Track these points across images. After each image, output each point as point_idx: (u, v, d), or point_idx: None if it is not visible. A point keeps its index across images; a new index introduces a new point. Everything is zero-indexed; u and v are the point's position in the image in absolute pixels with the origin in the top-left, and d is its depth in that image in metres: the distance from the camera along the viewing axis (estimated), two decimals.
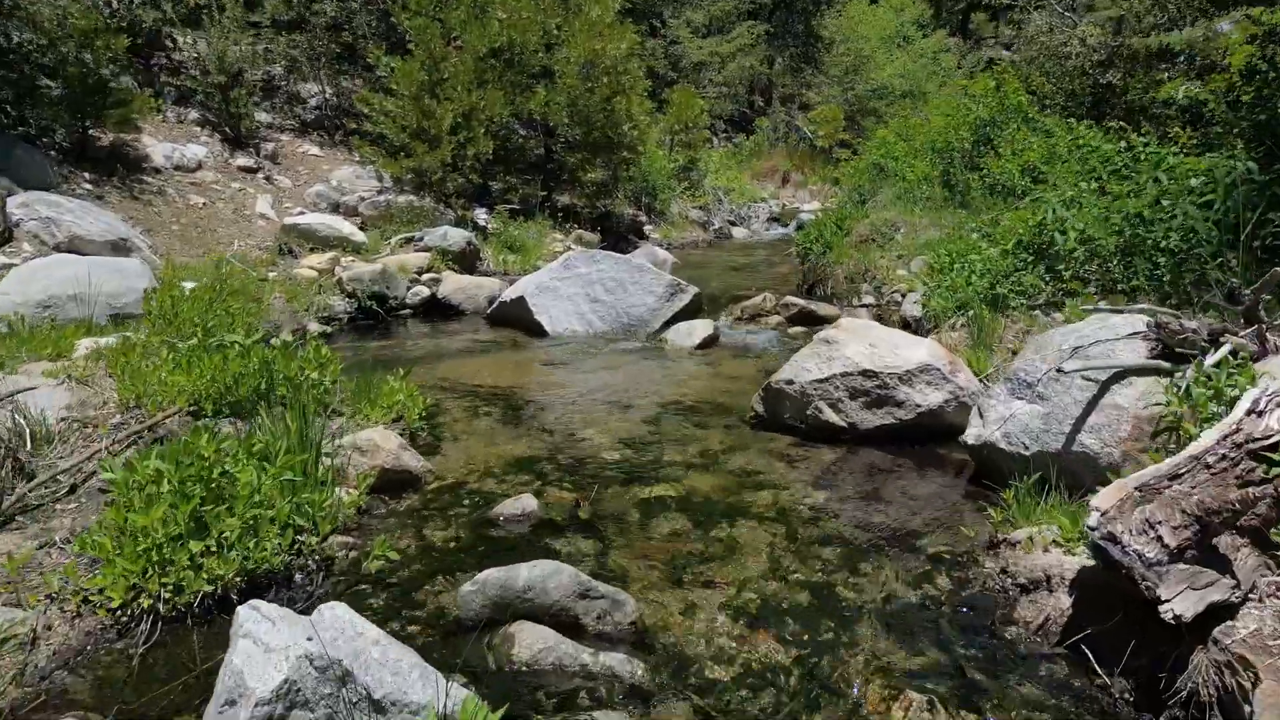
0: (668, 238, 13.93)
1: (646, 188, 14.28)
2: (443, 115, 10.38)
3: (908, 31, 31.94)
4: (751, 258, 12.64)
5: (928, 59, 31.08)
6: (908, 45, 31.35)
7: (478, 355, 6.68)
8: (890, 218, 10.47)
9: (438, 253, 9.47)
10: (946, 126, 12.08)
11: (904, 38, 31.59)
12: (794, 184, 21.63)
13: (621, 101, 11.76)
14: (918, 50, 31.08)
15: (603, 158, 12.27)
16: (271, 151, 11.65)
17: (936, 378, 4.35)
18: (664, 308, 7.38)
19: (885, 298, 8.10)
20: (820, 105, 26.91)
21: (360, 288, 8.13)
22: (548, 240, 11.22)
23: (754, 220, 16.99)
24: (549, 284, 7.60)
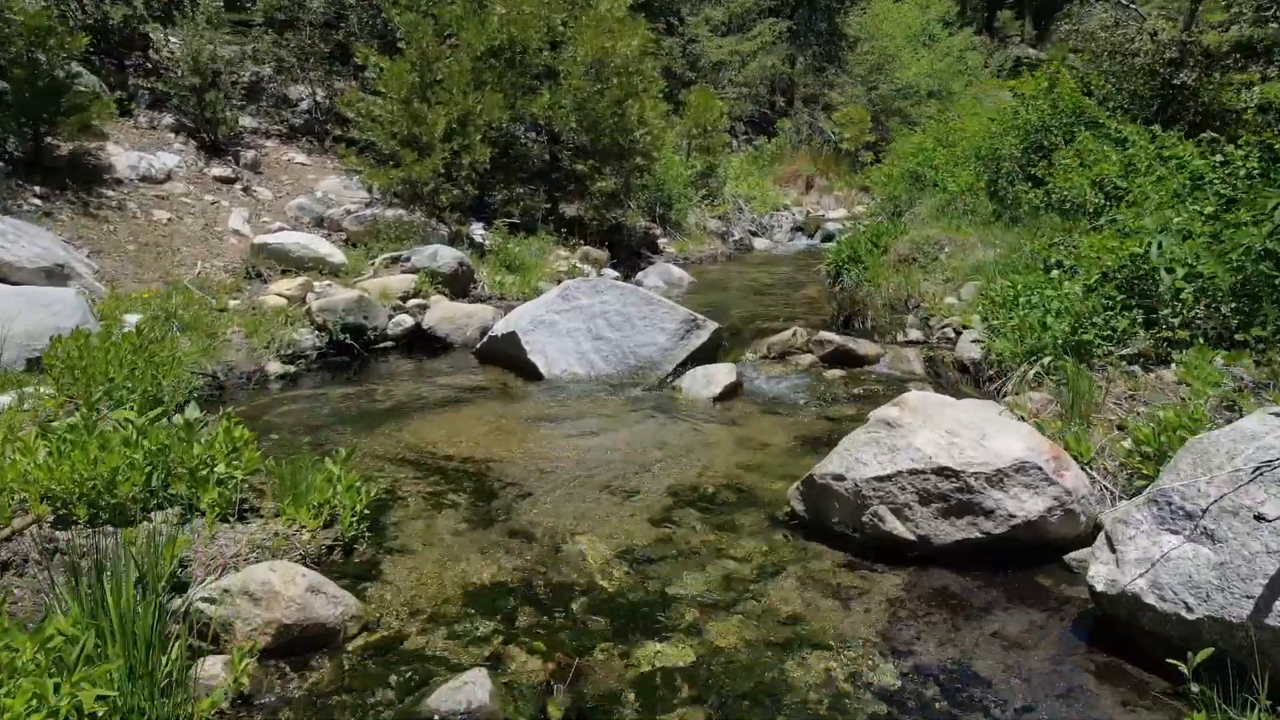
0: (684, 252, 12.87)
1: (661, 197, 13.23)
2: (435, 120, 9.37)
3: (933, 29, 30.82)
4: (775, 275, 11.55)
5: (954, 58, 29.93)
6: (933, 43, 30.22)
7: (457, 407, 5.65)
8: (933, 235, 9.36)
9: (426, 275, 8.46)
10: (992, 131, 10.96)
11: (929, 36, 30.48)
12: (818, 189, 20.50)
13: (634, 104, 10.72)
14: (943, 49, 29.94)
15: (613, 165, 11.22)
16: (252, 160, 10.69)
17: (1036, 479, 3.27)
18: (677, 347, 6.33)
19: (935, 333, 7.00)
20: (844, 106, 25.82)
21: (332, 319, 7.13)
22: (551, 258, 10.19)
23: (776, 230, 15.89)
24: (545, 318, 6.56)
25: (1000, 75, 34.60)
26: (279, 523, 3.46)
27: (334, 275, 8.26)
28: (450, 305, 7.92)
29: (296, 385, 6.41)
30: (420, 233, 9.44)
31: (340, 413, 5.51)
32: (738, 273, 11.69)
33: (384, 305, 7.88)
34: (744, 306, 8.80)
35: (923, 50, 29.08)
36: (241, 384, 6.21)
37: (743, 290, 10.08)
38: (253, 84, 12.58)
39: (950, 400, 3.63)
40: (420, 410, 5.56)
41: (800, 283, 10.50)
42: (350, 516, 3.51)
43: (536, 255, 10.09)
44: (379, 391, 6.07)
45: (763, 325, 7.57)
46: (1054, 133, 9.84)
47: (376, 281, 8.25)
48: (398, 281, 8.31)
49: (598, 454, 4.68)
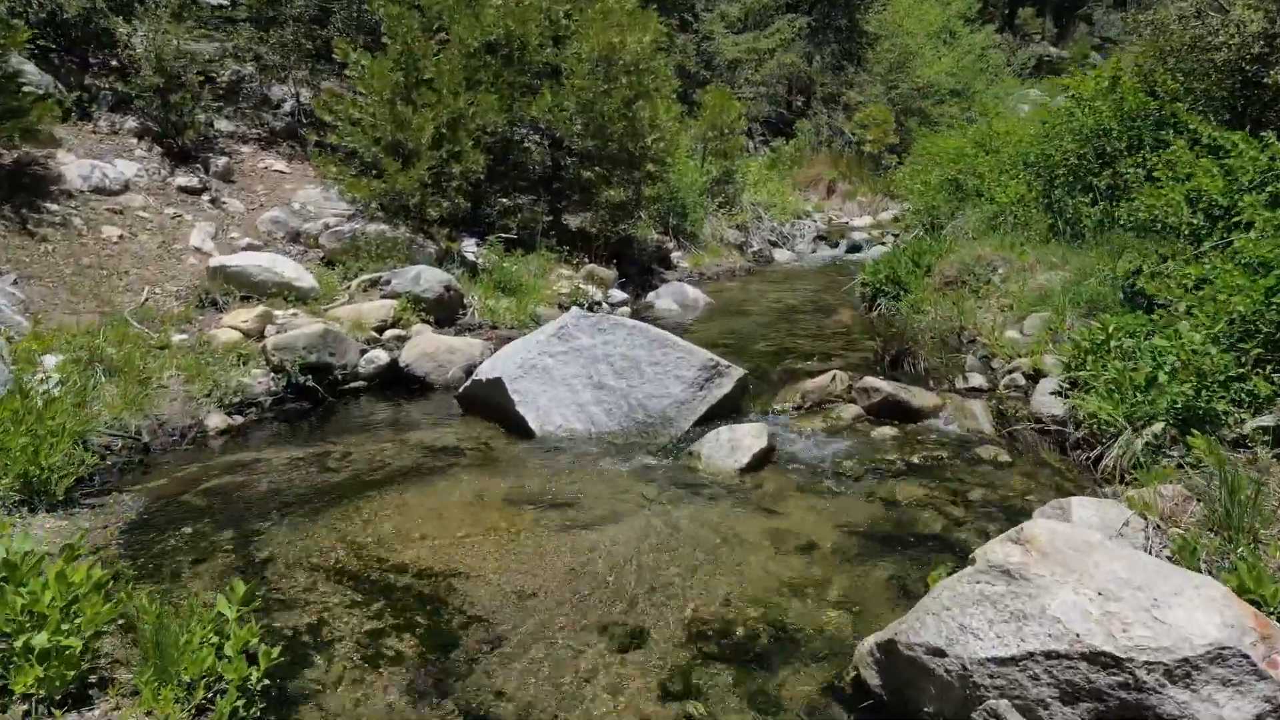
0: (699, 266, 11.79)
1: (674, 206, 12.16)
2: (422, 124, 8.33)
3: (954, 26, 29.72)
4: (800, 293, 10.45)
5: (975, 55, 28.81)
6: (953, 41, 29.13)
7: (426, 481, 4.60)
8: (984, 254, 8.25)
9: (407, 301, 7.43)
10: (1044, 135, 9.84)
11: (950, 33, 29.41)
12: (840, 194, 19.38)
13: (645, 105, 9.66)
14: (964, 46, 28.84)
15: (622, 173, 10.16)
16: (224, 167, 9.68)
17: (1240, 671, 2.19)
18: (695, 400, 5.26)
19: (1001, 378, 5.90)
20: (864, 105, 24.75)
21: (291, 358, 6.09)
22: (552, 277, 9.14)
23: (798, 240, 14.80)
24: (538, 361, 5.51)
25: (1022, 74, 33.43)
26: (132, 712, 2.41)
27: (302, 302, 7.23)
28: (432, 338, 6.87)
29: (243, 441, 5.38)
30: (404, 250, 8.41)
31: (281, 488, 4.47)
32: (758, 291, 10.60)
33: (357, 338, 6.85)
34: (769, 336, 7.71)
35: (943, 48, 28.02)
36: (173, 443, 5.18)
37: (766, 314, 8.99)
38: (232, 84, 11.61)
39: (1095, 538, 2.53)
40: (380, 485, 4.50)
41: (830, 305, 9.40)
42: (236, 697, 2.46)
43: (536, 274, 9.04)
44: (335, 454, 5.02)
45: (794, 365, 6.48)
46: (1117, 138, 8.73)
47: (350, 309, 7.23)
48: (375, 309, 7.28)
49: (595, 564, 3.61)
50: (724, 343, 7.37)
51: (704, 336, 7.66)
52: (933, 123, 25.69)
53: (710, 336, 7.67)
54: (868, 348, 7.00)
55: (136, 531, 3.88)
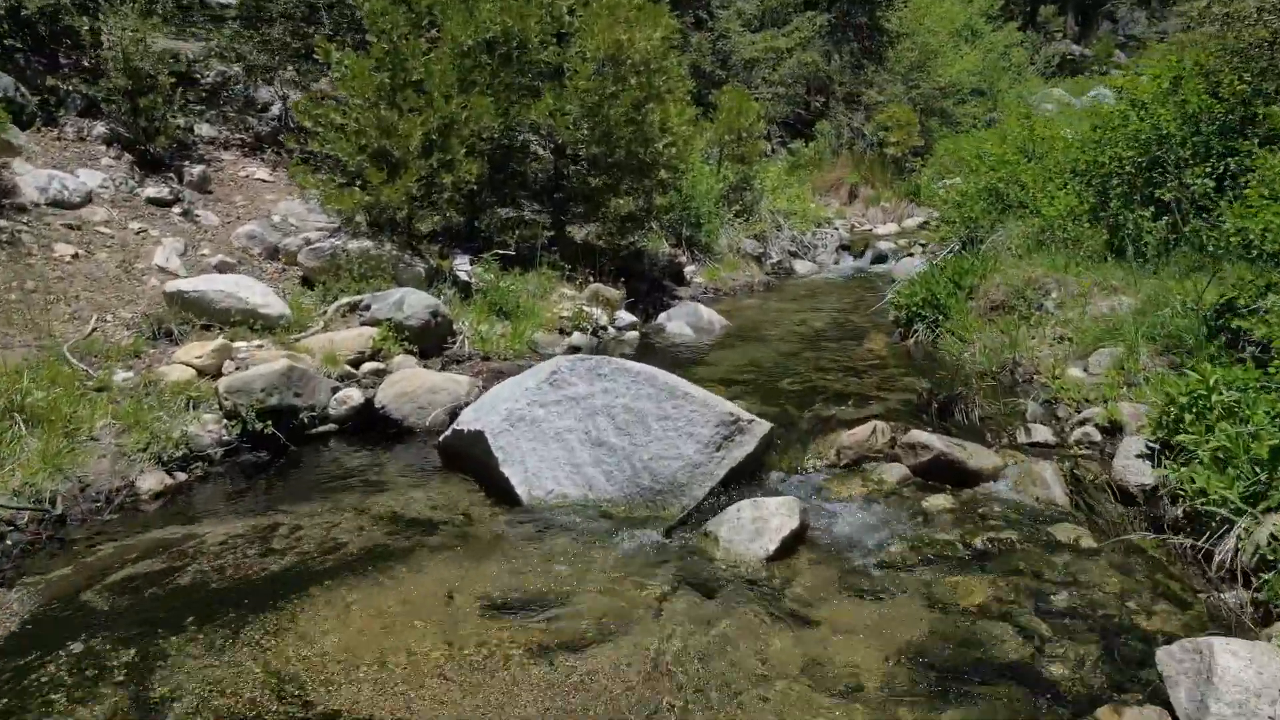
0: (714, 280, 10.95)
1: (688, 216, 11.33)
2: (409, 130, 7.54)
3: (976, 24, 28.84)
4: (825, 312, 9.59)
5: (997, 54, 27.91)
6: (975, 39, 28.25)
7: (385, 571, 3.79)
8: (1034, 275, 7.38)
9: (389, 329, 6.64)
10: (1094, 141, 8.96)
11: (971, 30, 28.53)
12: (863, 200, 18.47)
13: (655, 108, 8.83)
14: (987, 44, 27.95)
15: (631, 181, 9.33)
16: (199, 176, 8.93)
17: None
18: (711, 462, 4.43)
19: (1069, 430, 5.05)
20: (884, 105, 23.89)
21: (246, 402, 5.31)
22: (553, 298, 8.33)
23: (820, 250, 13.92)
24: (526, 412, 4.69)
25: (1046, 73, 32.40)
26: None
27: (270, 331, 6.46)
28: (413, 375, 6.06)
29: (181, 507, 4.60)
30: (390, 269, 7.62)
31: (208, 581, 3.67)
32: (779, 310, 9.75)
33: (329, 373, 6.07)
34: (794, 369, 6.86)
35: (965, 46, 27.17)
36: (96, 511, 4.41)
37: (788, 339, 8.14)
38: (216, 86, 10.89)
39: None
40: (329, 577, 3.70)
41: (859, 329, 8.54)
42: None
43: (535, 295, 8.24)
44: (283, 528, 4.22)
45: (825, 410, 5.63)
46: (1180, 144, 7.84)
47: (323, 339, 6.44)
48: (351, 338, 6.50)
49: (584, 712, 2.79)
50: (743, 378, 6.54)
51: (721, 369, 6.83)
52: (954, 123, 24.84)
53: (728, 369, 6.84)
54: (908, 386, 6.14)
55: (10, 653, 3.10)
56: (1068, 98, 26.73)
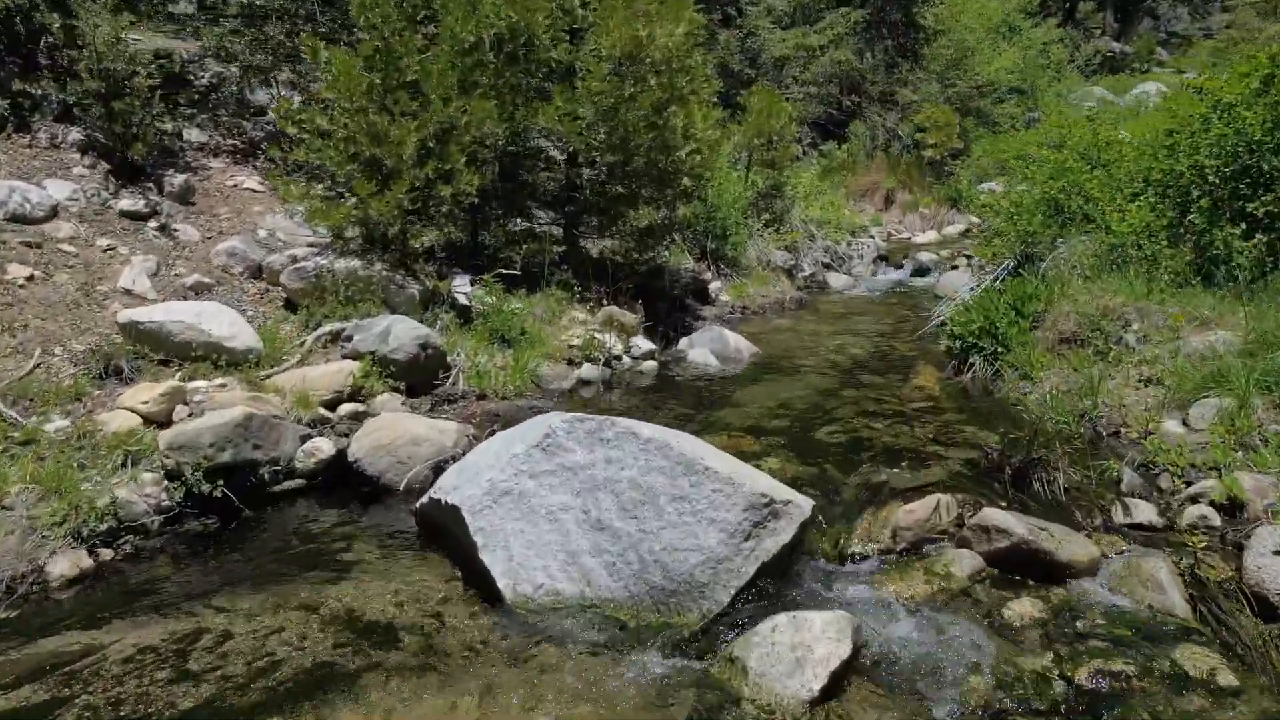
0: (742, 298, 10.06)
1: (713, 227, 10.45)
2: (402, 137, 6.76)
3: (1015, 20, 27.72)
4: (864, 336, 8.67)
5: (1036, 51, 26.77)
6: (1013, 36, 27.13)
7: (326, 700, 2.98)
8: (1111, 303, 6.42)
9: (371, 363, 5.85)
10: (1169, 147, 7.98)
11: (1009, 27, 27.42)
12: (900, 205, 17.46)
13: (678, 111, 7.96)
14: (1025, 41, 26.81)
15: (651, 190, 8.47)
16: (181, 187, 8.21)
17: None
18: (738, 556, 3.56)
19: (1177, 509, 4.12)
20: (919, 105, 22.93)
21: (192, 460, 4.53)
22: (563, 322, 7.50)
23: (855, 261, 12.97)
24: (513, 484, 3.86)
25: (1087, 71, 31.10)
26: None
27: (236, 367, 5.69)
28: (394, 422, 5.25)
29: (103, 596, 3.83)
30: (380, 292, 6.84)
31: None
32: (814, 333, 8.83)
33: (300, 417, 5.29)
34: (833, 413, 5.96)
35: (1002, 43, 26.09)
36: None
37: (825, 372, 7.23)
38: (211, 87, 10.20)
39: None
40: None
41: (905, 359, 7.60)
42: None
43: (544, 318, 7.42)
44: (209, 637, 3.41)
45: (874, 472, 4.73)
46: (1274, 153, 6.85)
47: (296, 376, 5.66)
48: (329, 375, 5.71)
49: None
50: (774, 424, 5.65)
51: (748, 413, 5.95)
52: (992, 123, 23.77)
53: (756, 412, 5.96)
54: (970, 440, 5.22)
55: None
56: (1109, 96, 25.65)
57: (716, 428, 5.57)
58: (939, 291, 11.08)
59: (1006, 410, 5.81)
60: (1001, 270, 8.72)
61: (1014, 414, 5.68)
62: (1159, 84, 26.81)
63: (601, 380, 6.80)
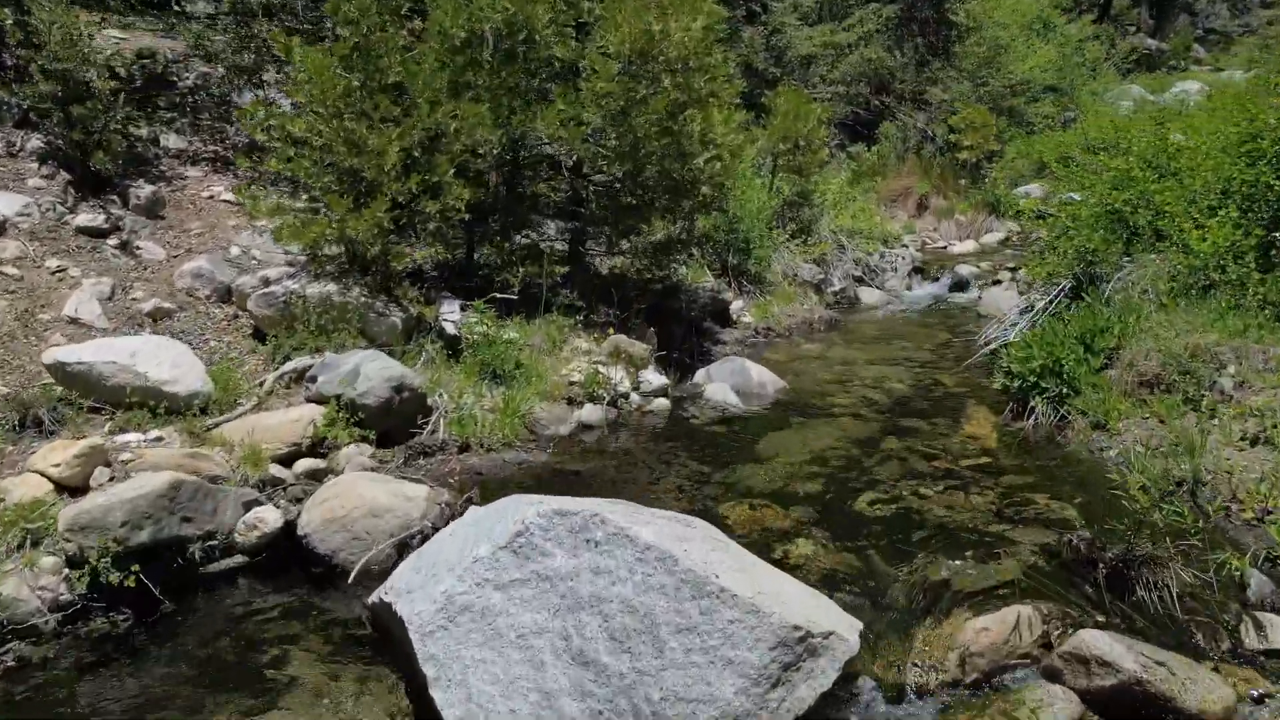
0: (766, 319, 9.17)
1: (734, 240, 9.58)
2: (382, 146, 5.96)
3: (1050, 16, 26.64)
4: (902, 362, 7.76)
5: (1072, 48, 25.69)
6: (1047, 32, 26.06)
7: None
8: (1200, 341, 5.48)
9: (338, 408, 5.05)
10: (1249, 154, 7.04)
11: (1044, 23, 26.35)
12: (934, 212, 16.47)
13: (695, 115, 7.10)
14: (1060, 38, 25.74)
15: (666, 200, 7.61)
16: (149, 199, 7.48)
17: None
18: (763, 712, 2.70)
19: None
20: (950, 104, 21.96)
21: (99, 544, 3.74)
22: (564, 352, 6.67)
23: (889, 274, 12.03)
24: (475, 598, 3.03)
25: (1123, 69, 29.88)
26: None
27: (180, 414, 4.91)
28: (351, 488, 4.43)
29: None
30: (356, 321, 6.05)
31: None
32: (845, 362, 7.92)
33: (248, 478, 4.49)
34: (874, 473, 5.07)
35: (1036, 40, 25.05)
36: None
37: (861, 412, 6.33)
38: (193, 89, 9.49)
39: None
40: None
41: (953, 396, 6.68)
42: None
43: (543, 349, 6.60)
44: None
45: (931, 565, 3.83)
46: None
47: (248, 425, 4.87)
48: (287, 424, 4.92)
49: None
50: (805, 490, 4.78)
51: (773, 471, 5.07)
52: (1025, 123, 22.78)
53: (783, 470, 5.08)
54: (1045, 514, 4.32)
55: None
56: (1146, 95, 24.65)
57: (736, 491, 4.72)
58: (982, 310, 10.14)
59: (1080, 470, 4.90)
60: (1058, 293, 7.77)
61: (1089, 475, 4.77)
62: (1199, 82, 25.80)
63: (606, 423, 5.96)
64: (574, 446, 5.53)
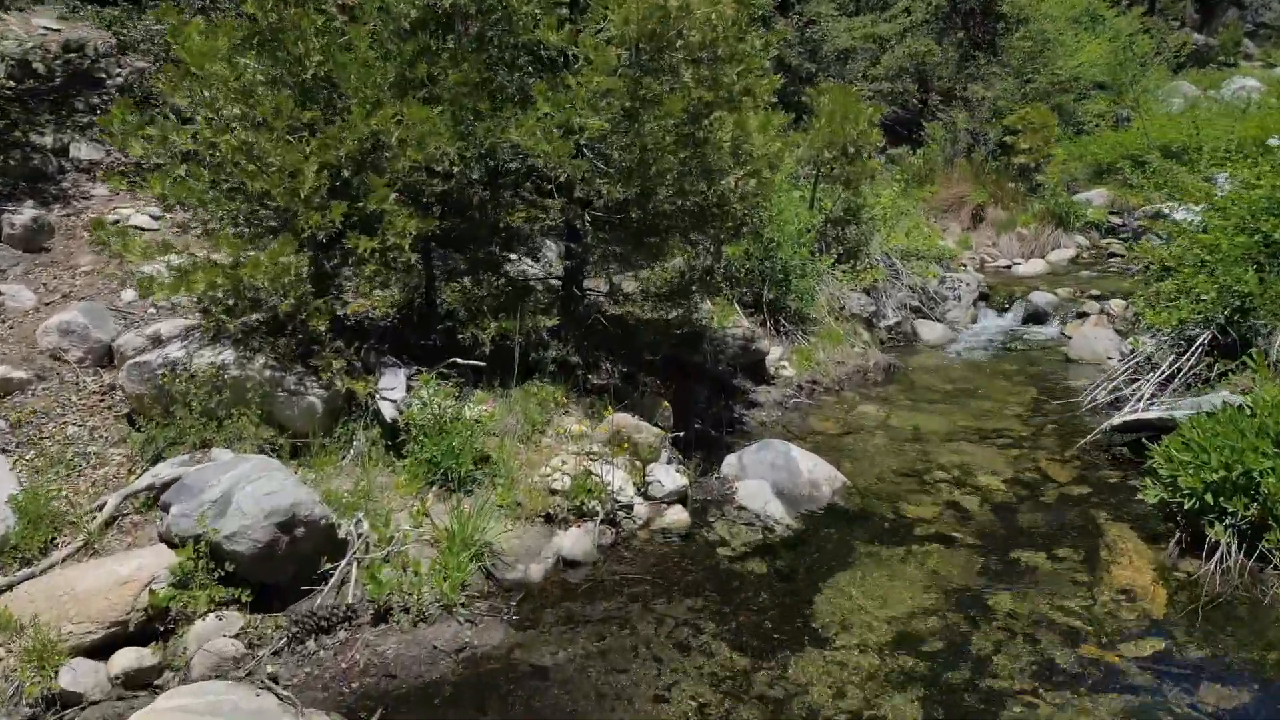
0: (811, 369, 7.42)
1: (771, 269, 7.84)
2: (295, 162, 4.31)
3: (1097, 8, 24.69)
4: (988, 435, 6.00)
5: (1121, 43, 23.69)
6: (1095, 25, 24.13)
7: None
8: None
9: (196, 556, 3.39)
10: None
11: (1091, 17, 24.41)
12: (991, 223, 14.58)
13: (724, 119, 5.38)
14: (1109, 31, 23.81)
15: (688, 224, 5.90)
16: (29, 227, 5.89)
17: None
18: None
19: None
20: (995, 103, 20.15)
21: None
22: (548, 438, 4.96)
23: (950, 303, 10.21)
24: None
25: (1174, 65, 27.79)
26: None
27: None
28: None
29: None
30: (260, 400, 4.40)
31: None
32: (915, 435, 6.14)
33: (18, 693, 2.84)
34: (990, 666, 3.32)
35: (1084, 34, 23.17)
36: None
37: (951, 535, 4.54)
38: (123, 88, 7.95)
39: None
40: None
41: (1073, 504, 4.89)
42: None
43: (519, 432, 4.91)
44: None
45: None
46: None
47: (49, 588, 3.23)
48: (113, 586, 3.27)
49: None
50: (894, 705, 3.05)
51: (845, 660, 3.34)
52: (1075, 121, 20.97)
53: (856, 657, 3.36)
54: None
55: None
56: (1195, 91, 22.88)
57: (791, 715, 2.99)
58: (1072, 354, 8.31)
59: None
60: (1195, 350, 5.95)
61: None
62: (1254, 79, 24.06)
63: (597, 556, 4.24)
64: (548, 604, 3.82)
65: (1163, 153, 15.11)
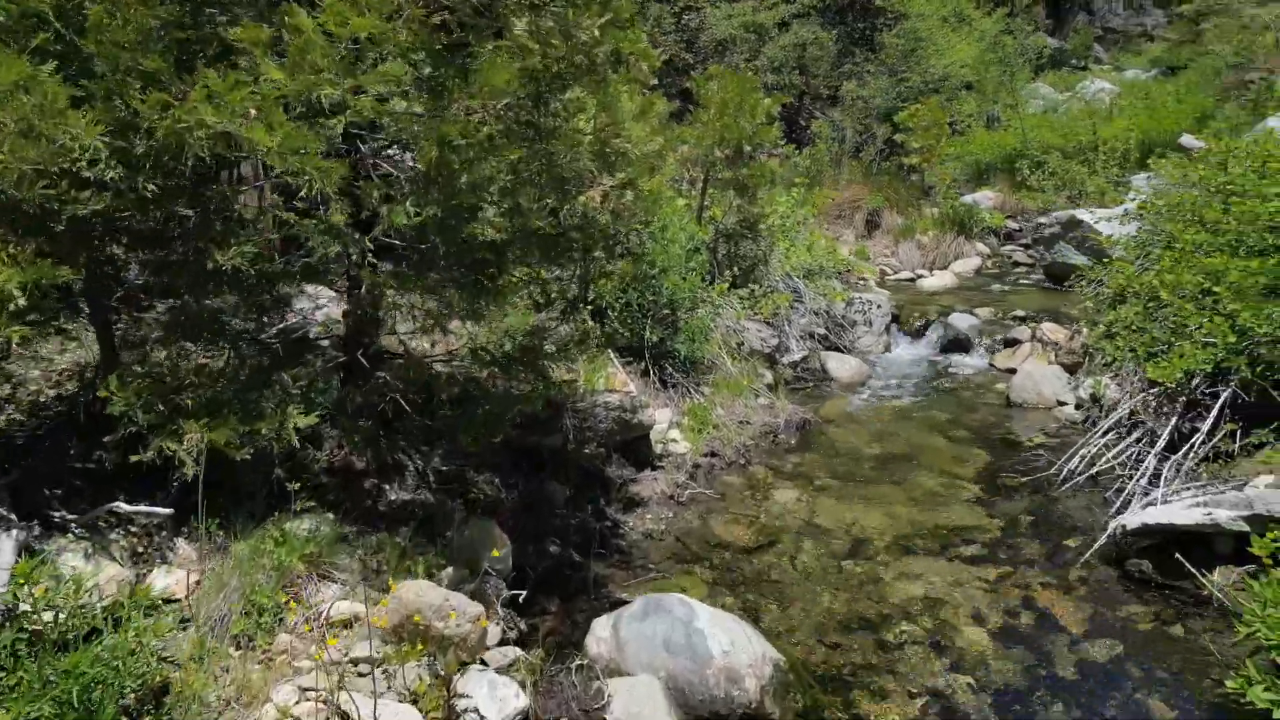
0: (705, 437, 5.62)
1: (653, 303, 6.00)
2: None
3: (964, 8, 24.55)
4: (950, 538, 4.39)
5: (987, 44, 23.60)
6: (961, 25, 23.98)
7: None
8: None
9: None
10: None
11: (959, 17, 24.21)
12: (889, 231, 13.30)
13: (583, 101, 3.47)
14: (977, 32, 23.68)
15: (540, 255, 3.97)
16: None
17: None
18: None
19: None
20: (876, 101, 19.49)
21: None
22: (285, 634, 2.92)
23: (861, 329, 8.68)
24: None
25: (1036, 66, 28.16)
26: None
27: None
28: None
29: None
30: None
31: None
32: (849, 533, 4.45)
33: None
34: None
35: (952, 34, 22.90)
36: None
37: None
38: None
39: None
40: None
41: (1102, 671, 3.27)
42: None
43: (232, 629, 2.83)
44: None
45: None
46: None
47: None
48: None
49: None
50: None
51: None
52: (949, 122, 20.47)
53: None
54: None
55: None
56: (1054, 93, 23.22)
57: None
58: (1015, 397, 6.88)
59: None
60: (1216, 417, 4.51)
61: None
62: (1106, 82, 24.58)
63: None
64: None
65: (1062, 153, 14.30)
